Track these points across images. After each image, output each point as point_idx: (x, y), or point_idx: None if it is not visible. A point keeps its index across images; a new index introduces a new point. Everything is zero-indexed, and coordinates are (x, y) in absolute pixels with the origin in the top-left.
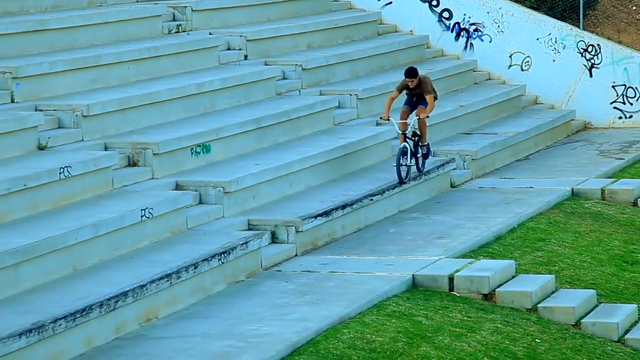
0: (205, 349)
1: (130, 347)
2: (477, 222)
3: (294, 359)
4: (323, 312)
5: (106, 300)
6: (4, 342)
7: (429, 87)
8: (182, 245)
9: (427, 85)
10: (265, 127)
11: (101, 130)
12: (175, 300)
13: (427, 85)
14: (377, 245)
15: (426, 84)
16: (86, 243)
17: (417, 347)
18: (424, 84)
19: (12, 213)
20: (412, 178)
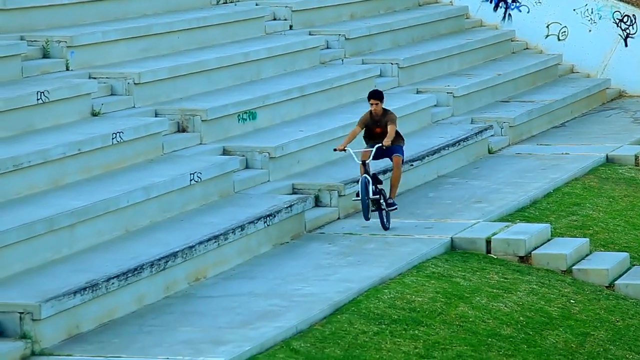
0: (251, 307)
1: (179, 305)
2: (513, 187)
3: (337, 317)
4: (364, 272)
5: (157, 260)
6: (60, 299)
7: (394, 119)
8: (229, 208)
9: (391, 118)
10: (309, 95)
11: (152, 97)
12: (223, 261)
13: (391, 118)
14: (417, 209)
15: (391, 116)
16: (138, 205)
17: (455, 307)
18: (390, 116)
19: (67, 176)
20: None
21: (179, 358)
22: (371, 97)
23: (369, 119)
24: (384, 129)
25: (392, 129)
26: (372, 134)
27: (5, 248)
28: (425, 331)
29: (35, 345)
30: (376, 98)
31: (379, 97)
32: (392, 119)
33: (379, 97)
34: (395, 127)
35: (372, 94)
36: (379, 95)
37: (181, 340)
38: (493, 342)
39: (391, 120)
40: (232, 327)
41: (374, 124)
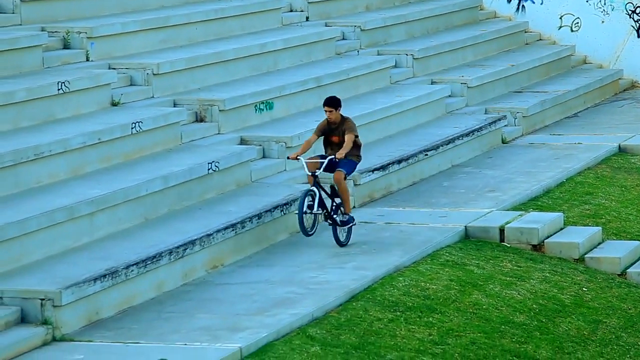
0: (269, 294)
1: (198, 292)
2: (527, 176)
3: (352, 304)
4: (379, 260)
5: (175, 248)
6: (80, 286)
7: (353, 128)
8: (247, 197)
9: (350, 126)
10: (325, 86)
11: (170, 87)
12: (240, 249)
13: (350, 126)
14: (431, 198)
15: (350, 125)
16: (156, 194)
17: (469, 295)
18: (348, 124)
19: (88, 165)
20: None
21: (196, 344)
22: (325, 104)
23: (325, 126)
24: (341, 138)
25: (349, 139)
26: (329, 142)
27: (26, 236)
28: (439, 318)
29: (56, 331)
30: (331, 105)
31: (334, 104)
32: (350, 128)
33: (334, 104)
34: (352, 137)
35: (327, 100)
36: (334, 102)
37: (199, 327)
38: (506, 329)
39: (349, 129)
40: (249, 314)
41: (330, 132)
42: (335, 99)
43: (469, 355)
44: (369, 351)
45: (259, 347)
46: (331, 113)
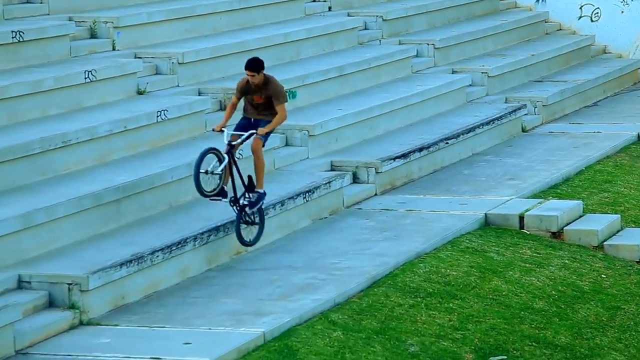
0: (291, 280)
1: (221, 278)
2: (546, 164)
3: (373, 290)
4: (400, 247)
5: (200, 234)
6: (107, 271)
7: (280, 94)
8: (270, 184)
9: (277, 91)
10: (348, 75)
11: (195, 76)
12: (263, 235)
13: (277, 91)
14: (452, 185)
15: (276, 89)
16: (181, 181)
17: (489, 281)
18: (273, 87)
19: (114, 153)
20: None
21: (221, 329)
22: (247, 68)
23: (245, 85)
24: (266, 101)
25: (281, 113)
26: (251, 103)
27: (54, 222)
28: (459, 304)
29: (83, 315)
30: (252, 69)
31: (256, 67)
32: (278, 93)
33: (256, 67)
34: (284, 108)
35: (248, 64)
36: (256, 65)
37: (223, 312)
38: (526, 315)
39: (276, 94)
40: (272, 299)
41: (252, 92)
42: (257, 62)
43: (489, 340)
44: (390, 336)
45: (282, 331)
46: (253, 77)
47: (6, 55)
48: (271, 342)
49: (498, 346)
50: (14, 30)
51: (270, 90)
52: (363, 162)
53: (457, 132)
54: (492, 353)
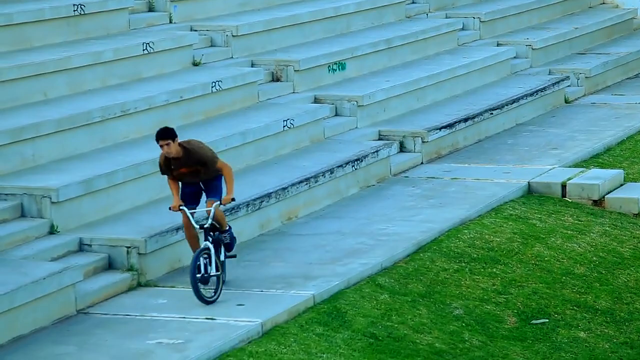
0: (340, 245)
1: (273, 242)
2: (588, 134)
3: (419, 255)
4: (446, 214)
5: (252, 201)
6: (163, 235)
7: (208, 157)
8: (320, 153)
9: (202, 156)
10: (395, 47)
11: (248, 48)
12: (313, 202)
13: (202, 156)
14: (496, 154)
15: (199, 154)
16: (235, 149)
17: (532, 247)
18: (194, 154)
19: (170, 122)
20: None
21: (272, 291)
22: (159, 138)
23: (165, 162)
24: (194, 168)
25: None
26: (181, 177)
27: (114, 187)
28: (502, 269)
29: (141, 277)
30: (164, 137)
31: (168, 134)
32: (205, 157)
33: (168, 134)
34: (222, 162)
35: (158, 134)
36: (167, 132)
37: (274, 275)
38: (567, 280)
39: (204, 159)
40: (321, 263)
41: (176, 166)
42: (167, 130)
43: (531, 304)
44: (435, 300)
45: (330, 294)
46: (168, 147)
47: (68, 28)
48: (320, 305)
49: (540, 310)
50: (75, 4)
51: (196, 159)
52: (410, 132)
53: (501, 103)
54: (534, 317)
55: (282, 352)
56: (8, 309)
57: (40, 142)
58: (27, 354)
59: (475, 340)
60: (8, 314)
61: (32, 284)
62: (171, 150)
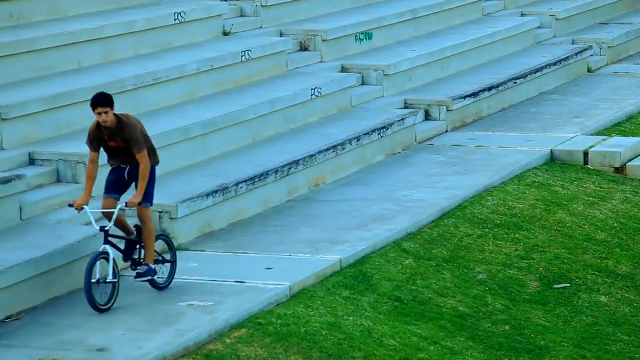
0: (365, 211)
1: (300, 208)
2: (610, 103)
3: (444, 221)
4: (469, 181)
5: (280, 167)
6: (194, 200)
7: (138, 139)
8: (347, 121)
9: (134, 136)
10: (421, 17)
11: (277, 18)
12: (340, 169)
13: (134, 136)
14: (519, 123)
15: (133, 132)
16: (264, 117)
17: (554, 213)
18: (129, 130)
19: (201, 90)
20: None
21: (299, 255)
22: (95, 104)
23: (96, 132)
24: (124, 144)
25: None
26: (109, 151)
27: None
28: (525, 235)
29: (173, 240)
30: (103, 104)
31: (107, 101)
32: (137, 138)
33: (107, 101)
34: (145, 156)
35: (97, 99)
36: (106, 99)
37: (302, 240)
38: (588, 245)
39: (135, 139)
40: (348, 229)
41: (107, 138)
42: (106, 96)
43: (553, 269)
44: (458, 264)
45: (357, 258)
46: (106, 114)
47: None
48: (347, 269)
49: (561, 275)
50: None
51: (126, 134)
52: (435, 100)
53: (525, 72)
54: (555, 281)
55: (309, 315)
56: (45, 270)
57: (74, 109)
58: (63, 314)
59: (497, 303)
60: (45, 276)
61: (68, 247)
62: (108, 119)
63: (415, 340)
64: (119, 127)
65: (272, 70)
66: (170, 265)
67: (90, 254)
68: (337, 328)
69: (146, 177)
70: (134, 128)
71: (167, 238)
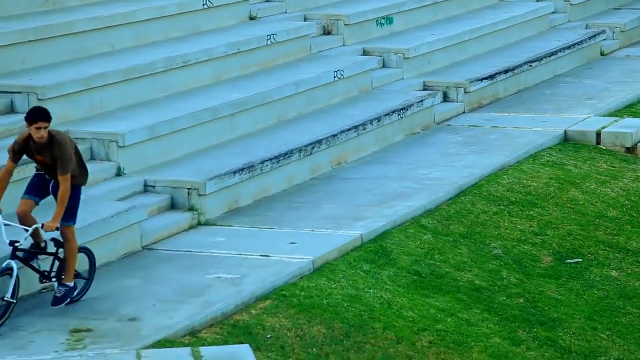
0: (386, 189)
1: (323, 186)
2: (623, 85)
3: (461, 199)
4: (486, 160)
5: (304, 147)
6: (222, 178)
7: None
8: (368, 102)
9: (63, 156)
10: (441, 2)
11: (301, 3)
12: (361, 148)
13: (63, 156)
14: (534, 104)
15: (63, 152)
16: (288, 98)
17: (567, 191)
18: (59, 149)
19: (228, 72)
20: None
21: (322, 230)
22: (37, 119)
23: (23, 144)
24: (51, 161)
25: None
26: (37, 162)
27: (175, 133)
28: (539, 212)
29: (201, 216)
30: (45, 119)
31: (48, 117)
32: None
33: (48, 117)
34: (67, 180)
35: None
36: (48, 116)
37: (325, 216)
38: (600, 222)
39: (63, 159)
40: (369, 206)
41: (35, 151)
42: (47, 111)
43: (566, 245)
44: (475, 240)
45: (377, 234)
46: (45, 130)
47: None
48: (368, 244)
49: (574, 250)
50: None
51: (56, 152)
52: (453, 83)
53: (540, 56)
54: (568, 256)
55: (331, 287)
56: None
57: (108, 90)
58: (97, 285)
59: (512, 277)
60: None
61: (101, 222)
62: (45, 134)
63: (433, 312)
64: (49, 144)
65: (296, 53)
66: (84, 283)
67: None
68: (358, 300)
69: (65, 201)
70: (65, 147)
71: (89, 252)
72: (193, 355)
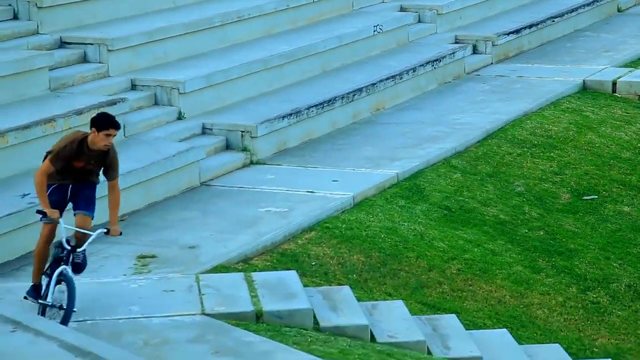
0: (420, 133)
1: (363, 129)
2: (638, 39)
3: (488, 141)
4: (511, 107)
5: (346, 94)
6: (272, 122)
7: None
8: (404, 54)
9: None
10: None
11: None
12: (398, 96)
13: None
14: (556, 57)
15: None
16: (332, 51)
17: (585, 135)
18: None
19: (278, 27)
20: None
21: (362, 169)
22: (111, 126)
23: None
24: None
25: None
26: (71, 168)
27: (230, 82)
28: (559, 154)
29: (253, 156)
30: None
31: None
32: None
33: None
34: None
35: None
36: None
37: (364, 157)
38: (614, 163)
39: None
40: (404, 147)
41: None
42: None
43: (583, 183)
44: (500, 179)
45: (411, 173)
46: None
47: None
48: (403, 182)
49: (590, 188)
50: None
51: (109, 160)
52: (482, 36)
53: (562, 12)
54: (585, 193)
55: (370, 220)
56: (144, 180)
57: (169, 42)
58: (160, 217)
59: (534, 212)
60: (144, 184)
61: (164, 160)
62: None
63: (462, 243)
64: (106, 152)
65: (340, 9)
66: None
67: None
68: (393, 232)
69: (119, 204)
70: (116, 154)
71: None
72: (246, 279)
